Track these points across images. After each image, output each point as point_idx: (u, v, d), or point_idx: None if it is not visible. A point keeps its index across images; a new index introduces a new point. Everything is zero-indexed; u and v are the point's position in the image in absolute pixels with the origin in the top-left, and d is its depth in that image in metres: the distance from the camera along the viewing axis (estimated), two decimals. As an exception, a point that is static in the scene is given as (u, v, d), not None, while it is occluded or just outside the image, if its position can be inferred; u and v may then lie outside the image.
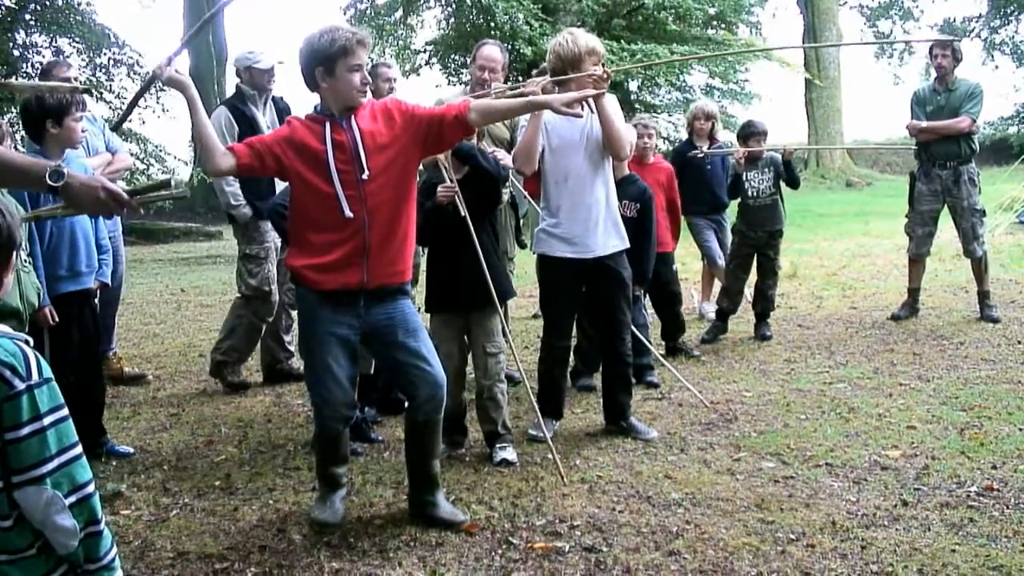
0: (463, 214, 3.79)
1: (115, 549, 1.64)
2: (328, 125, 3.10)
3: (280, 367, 5.54)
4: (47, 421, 1.54)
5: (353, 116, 3.11)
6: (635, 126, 5.91)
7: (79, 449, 1.59)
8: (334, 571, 2.94)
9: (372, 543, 3.14)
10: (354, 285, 3.12)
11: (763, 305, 6.31)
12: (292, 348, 5.58)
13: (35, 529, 1.56)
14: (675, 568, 2.86)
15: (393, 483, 3.71)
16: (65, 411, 1.58)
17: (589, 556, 2.97)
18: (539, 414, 4.00)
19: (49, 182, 2.11)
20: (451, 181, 3.83)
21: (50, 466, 1.54)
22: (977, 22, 28.73)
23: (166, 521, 3.42)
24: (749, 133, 6.32)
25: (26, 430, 1.52)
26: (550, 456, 3.82)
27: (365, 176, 3.06)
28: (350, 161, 3.06)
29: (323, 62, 3.05)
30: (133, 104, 3.88)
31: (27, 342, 1.58)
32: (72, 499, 1.55)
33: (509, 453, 3.92)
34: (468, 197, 3.83)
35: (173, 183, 2.51)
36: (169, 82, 3.09)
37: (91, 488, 1.59)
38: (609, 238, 4.13)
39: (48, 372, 1.56)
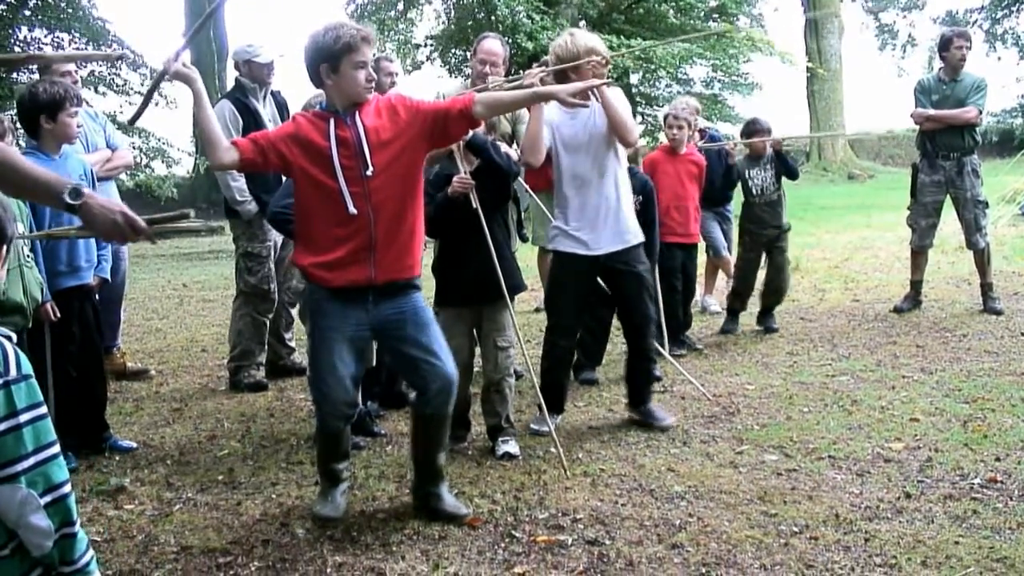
0: (475, 207, 3.77)
1: (91, 552, 1.61)
2: (332, 122, 3.09)
3: (282, 363, 5.54)
4: (23, 418, 1.51)
5: (358, 112, 3.10)
6: (666, 116, 5.90)
7: (56, 448, 1.55)
8: (337, 565, 2.94)
9: (375, 537, 3.14)
10: (362, 281, 3.11)
11: (773, 299, 6.29)
12: (292, 344, 5.59)
13: (9, 529, 1.53)
14: (678, 561, 2.86)
15: (396, 477, 3.71)
16: (43, 409, 1.54)
17: (592, 549, 2.97)
18: (544, 408, 4.00)
19: (67, 200, 2.04)
20: (465, 173, 3.81)
21: (25, 464, 1.50)
22: (979, 13, 28.65)
23: (169, 516, 3.42)
24: (753, 130, 6.30)
25: (1, 427, 1.49)
26: (552, 450, 3.83)
27: (369, 172, 3.05)
28: (354, 157, 3.05)
29: (328, 59, 3.04)
30: (147, 99, 3.88)
31: (9, 338, 1.54)
32: (47, 499, 1.52)
33: (512, 447, 3.92)
34: (479, 190, 3.82)
35: (192, 215, 2.53)
36: (176, 76, 3.09)
37: (67, 488, 1.55)
38: (620, 234, 4.12)
39: (28, 369, 1.53)
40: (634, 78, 19.07)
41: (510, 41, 13.89)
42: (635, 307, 4.20)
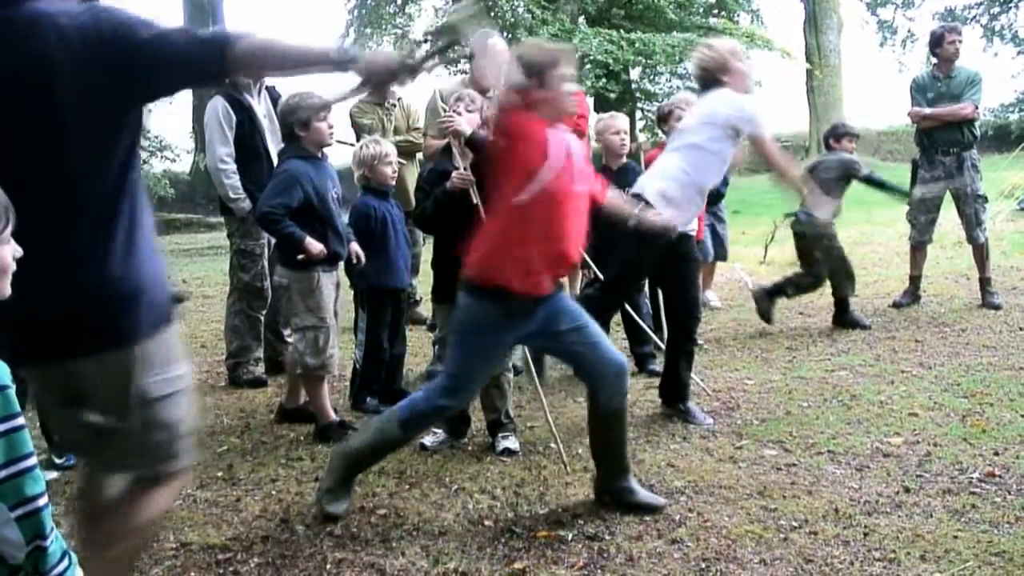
0: (475, 202, 3.76)
1: (66, 562, 1.60)
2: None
3: (281, 359, 5.51)
4: None
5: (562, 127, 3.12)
6: (671, 111, 5.83)
7: (31, 461, 1.53)
8: (337, 561, 2.94)
9: (375, 533, 3.14)
10: (548, 290, 3.14)
11: (842, 289, 6.18)
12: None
13: None
14: (678, 556, 2.87)
15: (395, 473, 3.71)
16: (19, 421, 1.52)
17: (592, 544, 2.97)
18: (545, 404, 4.00)
19: (337, 58, 2.18)
20: (464, 169, 3.81)
21: None
22: (977, 9, 28.63)
23: (169, 512, 3.42)
24: (842, 133, 6.26)
25: None
26: (552, 445, 3.83)
27: (579, 187, 3.09)
28: (570, 170, 3.08)
29: (538, 74, 3.05)
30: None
31: None
32: (18, 512, 1.50)
33: (511, 442, 3.92)
34: (476, 186, 3.81)
35: (460, 42, 2.58)
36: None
37: (40, 502, 1.54)
38: (691, 219, 4.34)
39: (5, 379, 1.51)
40: (634, 73, 19.06)
41: (510, 37, 13.89)
42: (688, 290, 4.34)
